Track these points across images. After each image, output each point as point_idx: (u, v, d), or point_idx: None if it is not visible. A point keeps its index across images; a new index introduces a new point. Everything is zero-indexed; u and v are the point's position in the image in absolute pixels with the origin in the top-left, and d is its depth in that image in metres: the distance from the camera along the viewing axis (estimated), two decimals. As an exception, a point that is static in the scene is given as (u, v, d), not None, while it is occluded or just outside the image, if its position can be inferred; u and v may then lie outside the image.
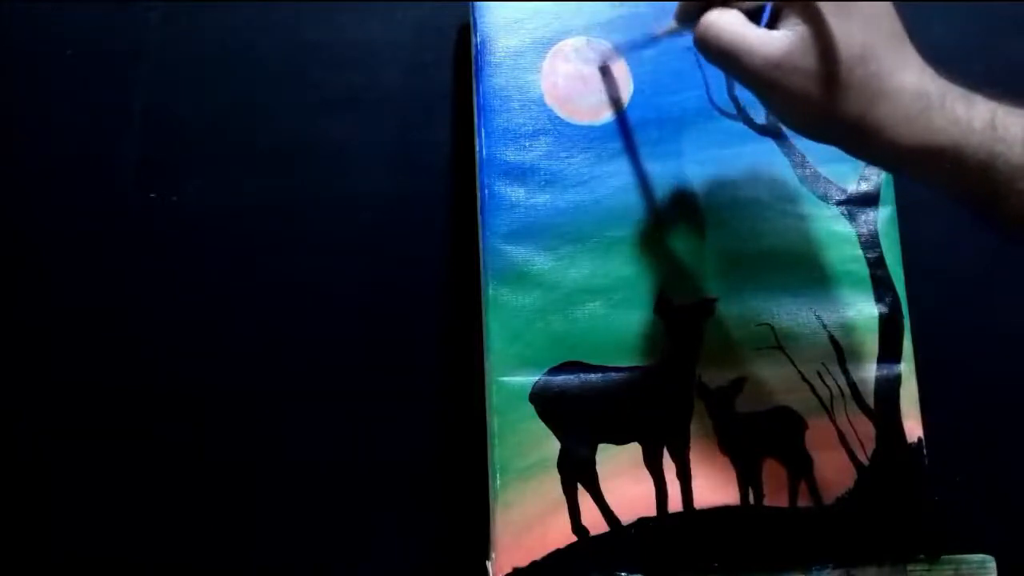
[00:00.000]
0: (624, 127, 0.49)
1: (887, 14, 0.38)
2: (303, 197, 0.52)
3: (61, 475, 0.49)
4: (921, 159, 0.37)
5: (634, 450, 0.47)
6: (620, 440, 0.47)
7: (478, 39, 0.49)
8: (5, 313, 0.50)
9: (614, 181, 0.49)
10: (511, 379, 0.46)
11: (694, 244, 0.49)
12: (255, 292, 0.51)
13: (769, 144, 0.50)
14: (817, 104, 0.37)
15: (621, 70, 0.50)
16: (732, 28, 0.38)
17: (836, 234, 0.50)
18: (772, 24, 0.38)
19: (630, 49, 0.49)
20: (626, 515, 0.46)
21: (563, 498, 0.46)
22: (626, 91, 0.50)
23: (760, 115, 0.50)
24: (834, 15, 0.36)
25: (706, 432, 0.48)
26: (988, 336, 0.54)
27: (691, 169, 0.49)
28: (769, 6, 0.39)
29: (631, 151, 0.49)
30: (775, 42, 0.37)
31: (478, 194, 0.48)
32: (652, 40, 0.46)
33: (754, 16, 0.39)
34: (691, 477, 0.47)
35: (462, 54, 0.53)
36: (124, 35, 0.52)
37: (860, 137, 0.38)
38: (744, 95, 0.49)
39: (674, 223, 0.49)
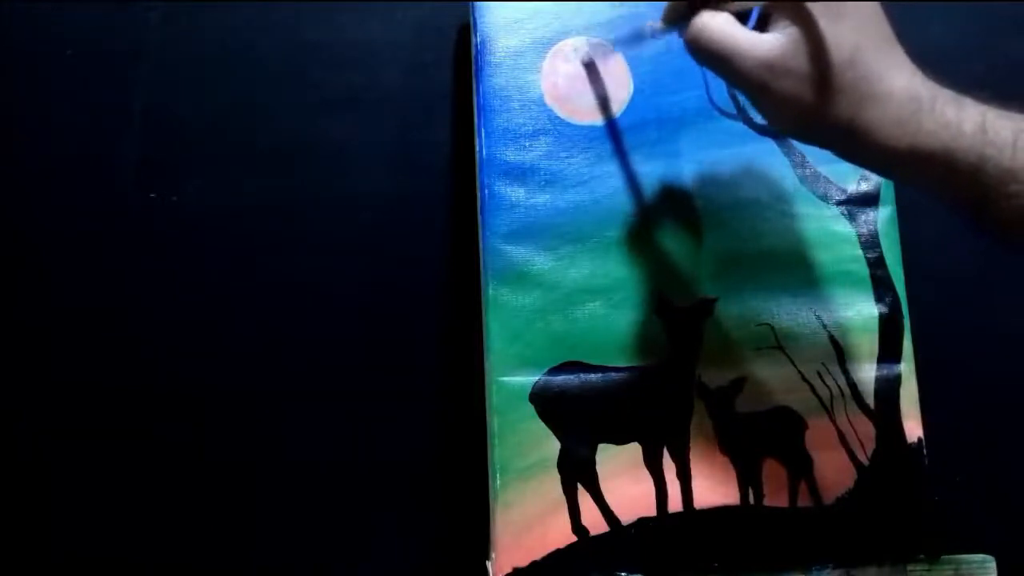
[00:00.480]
0: (624, 127, 0.49)
1: (877, 17, 0.38)
2: (303, 197, 0.52)
3: (61, 475, 0.49)
4: (911, 162, 0.37)
5: (634, 450, 0.47)
6: (620, 440, 0.47)
7: (478, 39, 0.49)
8: (5, 313, 0.50)
9: (614, 181, 0.49)
10: (511, 379, 0.46)
11: (694, 244, 0.49)
12: (255, 292, 0.51)
13: (769, 144, 0.50)
14: (808, 107, 0.37)
15: (618, 67, 0.50)
16: (723, 31, 0.38)
17: (836, 234, 0.50)
18: (760, 27, 0.39)
19: (619, 45, 0.49)
20: (626, 515, 0.46)
21: (563, 498, 0.46)
22: (626, 91, 0.50)
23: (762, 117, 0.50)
24: (824, 18, 0.36)
25: (706, 432, 0.48)
26: (988, 336, 0.54)
27: (691, 169, 0.49)
28: (757, 9, 0.39)
29: (631, 151, 0.49)
30: (766, 44, 0.37)
31: (478, 194, 0.48)
32: (639, 38, 0.46)
33: (743, 19, 0.39)
34: (691, 477, 0.47)
35: (462, 54, 0.53)
36: (124, 35, 0.53)
37: (851, 140, 0.37)
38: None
39: (674, 223, 0.49)
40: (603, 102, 0.49)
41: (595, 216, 0.48)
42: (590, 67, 0.49)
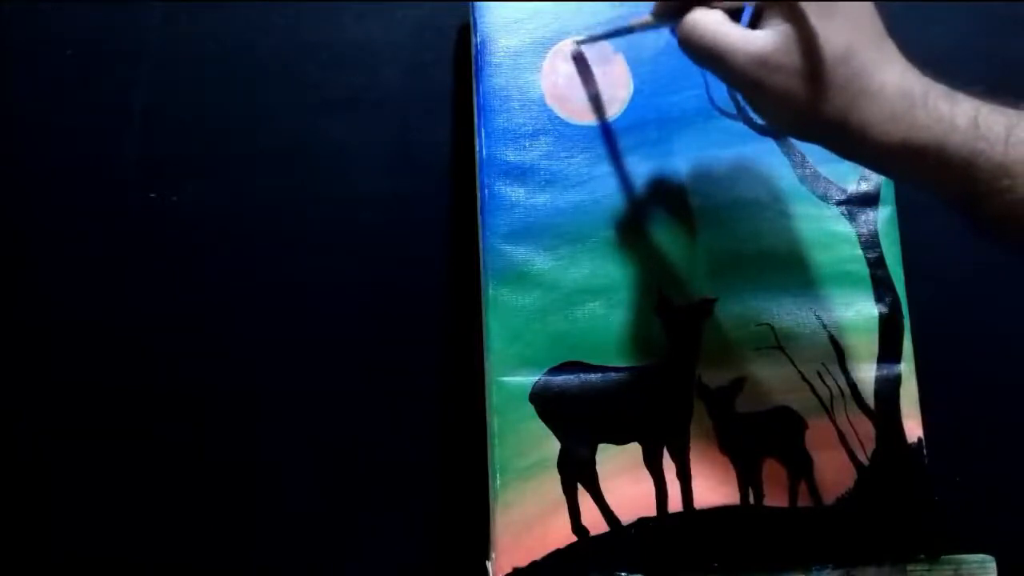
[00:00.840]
0: (624, 127, 0.49)
1: (869, 13, 0.38)
2: (303, 197, 0.52)
3: (61, 475, 0.49)
4: (905, 157, 0.37)
5: (634, 450, 0.47)
6: (620, 440, 0.47)
7: (478, 39, 0.49)
8: (5, 313, 0.50)
9: (614, 181, 0.49)
10: (511, 379, 0.46)
11: (694, 244, 0.49)
12: (255, 292, 0.51)
13: (769, 144, 0.50)
14: (801, 103, 0.37)
15: (618, 67, 0.50)
16: (716, 28, 0.38)
17: (836, 234, 0.50)
18: (754, 24, 0.39)
19: (604, 38, 0.49)
20: (626, 515, 0.46)
21: (563, 498, 0.46)
22: (626, 91, 0.50)
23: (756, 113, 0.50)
24: (816, 14, 0.36)
25: (706, 432, 0.48)
26: (988, 336, 0.54)
27: (691, 169, 0.49)
28: (750, 6, 0.39)
29: (631, 151, 0.49)
30: (758, 41, 0.37)
31: (478, 194, 0.48)
32: (626, 31, 0.46)
33: (735, 16, 0.39)
34: (691, 477, 0.47)
35: (462, 54, 0.53)
36: (124, 35, 0.53)
37: (845, 135, 0.38)
38: (744, 95, 0.49)
39: (674, 223, 0.49)
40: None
41: (595, 216, 0.48)
42: (579, 59, 0.49)
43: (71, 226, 0.51)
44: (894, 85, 0.37)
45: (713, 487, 0.47)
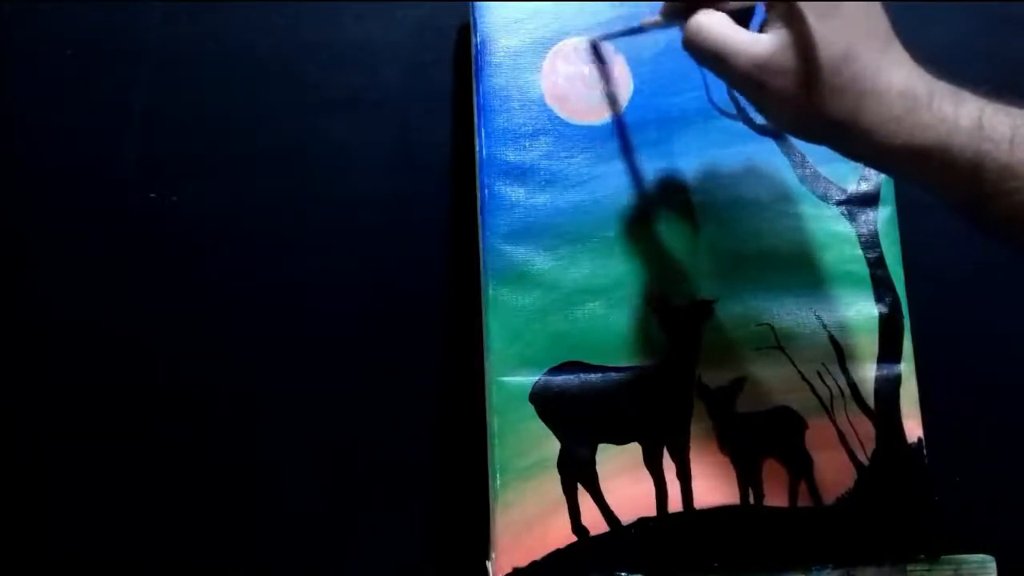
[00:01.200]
0: (624, 127, 0.49)
1: (874, 14, 0.38)
2: (303, 197, 0.52)
3: (61, 475, 0.49)
4: (909, 158, 0.37)
5: (634, 450, 0.47)
6: (620, 440, 0.47)
7: (478, 39, 0.49)
8: (5, 313, 0.50)
9: (614, 181, 0.49)
10: (511, 379, 0.46)
11: (694, 244, 0.49)
12: (255, 292, 0.51)
13: (769, 144, 0.50)
14: (804, 104, 0.37)
15: (618, 67, 0.50)
16: (719, 30, 0.38)
17: (836, 234, 0.50)
18: (763, 27, 0.39)
19: (615, 37, 0.49)
20: (626, 515, 0.46)
21: (563, 498, 0.46)
22: (626, 91, 0.50)
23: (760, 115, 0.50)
24: (818, 16, 0.36)
25: (706, 432, 0.48)
26: (988, 336, 0.54)
27: (691, 169, 0.49)
28: (760, 9, 0.39)
29: (631, 151, 0.49)
30: (760, 44, 0.37)
31: (478, 194, 0.48)
32: (637, 30, 0.46)
33: (741, 18, 0.39)
34: (691, 477, 0.47)
35: (462, 54, 0.53)
36: (124, 35, 0.53)
37: (849, 136, 0.37)
38: (744, 95, 0.49)
39: (674, 223, 0.49)
40: (608, 98, 0.49)
41: (595, 216, 0.48)
42: (595, 48, 0.49)
43: (71, 226, 0.51)
44: (898, 86, 0.37)
45: (713, 487, 0.47)
